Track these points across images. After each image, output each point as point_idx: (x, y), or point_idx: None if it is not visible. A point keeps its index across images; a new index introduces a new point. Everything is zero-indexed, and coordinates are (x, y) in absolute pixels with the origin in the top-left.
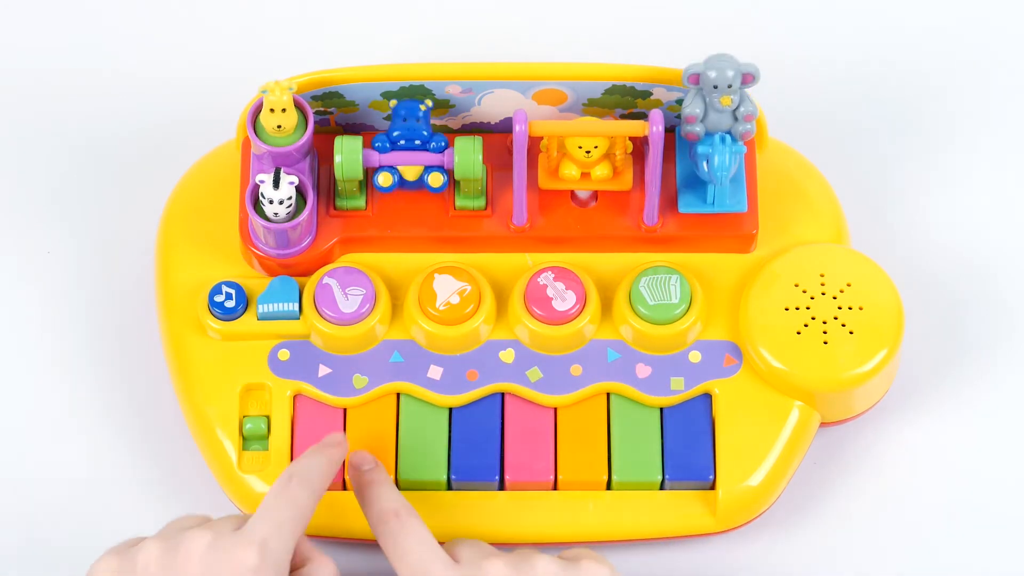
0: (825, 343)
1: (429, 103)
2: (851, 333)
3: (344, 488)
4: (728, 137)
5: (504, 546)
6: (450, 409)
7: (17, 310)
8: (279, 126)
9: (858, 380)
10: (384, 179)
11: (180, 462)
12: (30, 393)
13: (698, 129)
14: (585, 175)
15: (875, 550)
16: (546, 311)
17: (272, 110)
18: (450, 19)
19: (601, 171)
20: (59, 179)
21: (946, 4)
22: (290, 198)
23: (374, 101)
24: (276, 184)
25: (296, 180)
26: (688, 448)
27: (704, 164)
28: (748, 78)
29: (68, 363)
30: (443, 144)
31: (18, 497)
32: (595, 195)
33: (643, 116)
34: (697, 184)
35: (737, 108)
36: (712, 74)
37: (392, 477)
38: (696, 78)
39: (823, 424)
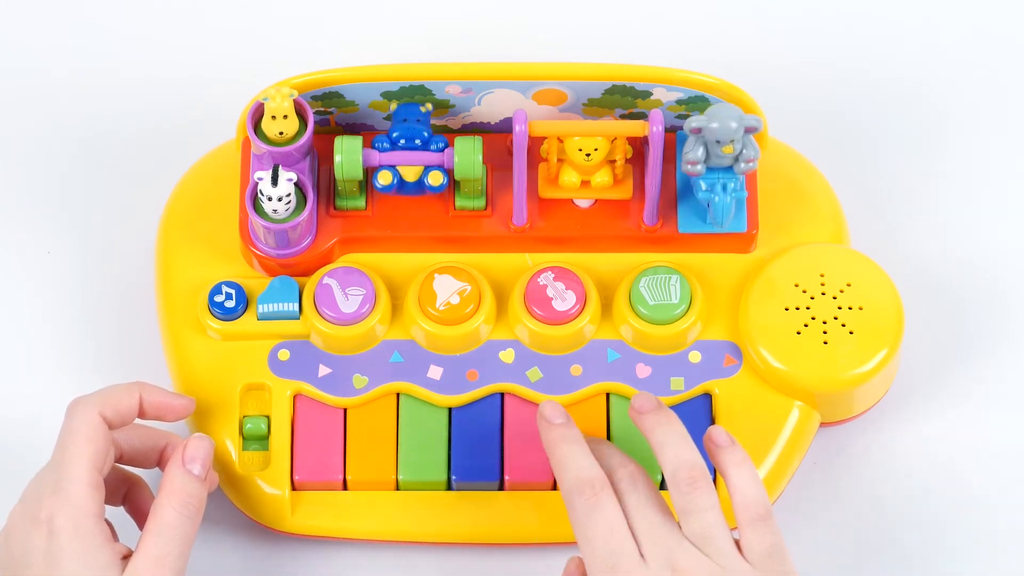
0: (825, 343)
1: (429, 106)
2: (851, 333)
3: (344, 488)
4: (730, 185)
5: (504, 546)
6: (450, 409)
7: (17, 310)
8: (281, 132)
9: (858, 380)
10: (384, 178)
11: None
12: (30, 393)
13: (699, 168)
14: (585, 183)
15: (875, 550)
16: (546, 311)
17: (274, 117)
18: (450, 19)
19: (601, 178)
20: (59, 179)
21: (946, 5)
22: (289, 195)
23: (374, 101)
24: (275, 181)
25: (295, 177)
26: None
27: (706, 205)
28: (750, 131)
29: (68, 363)
30: (443, 145)
31: (19, 497)
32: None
33: (643, 116)
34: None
35: (739, 153)
36: (715, 125)
37: (392, 477)
38: (699, 130)
39: (823, 424)
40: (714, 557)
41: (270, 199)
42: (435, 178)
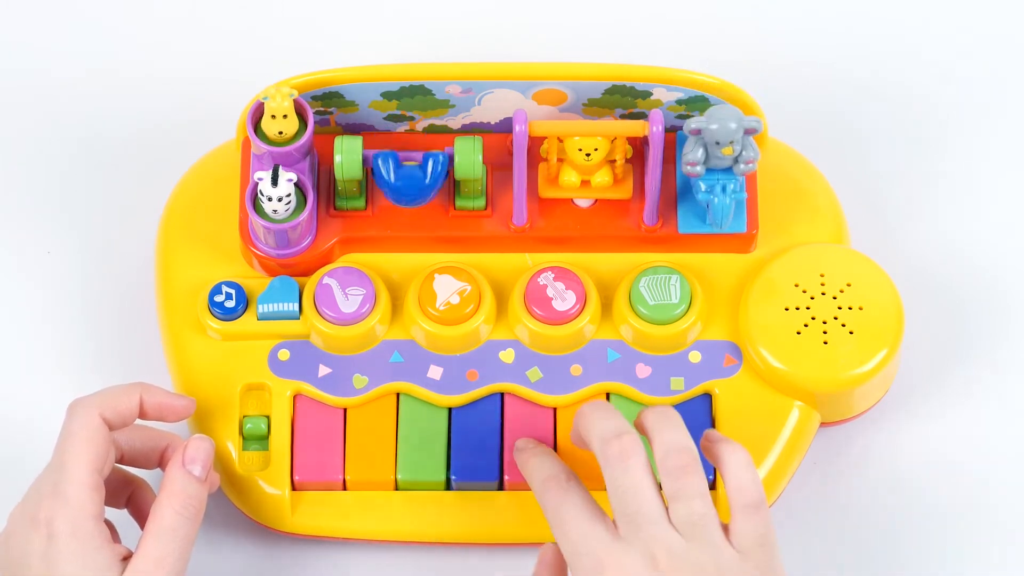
0: (825, 343)
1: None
2: (851, 333)
3: (344, 488)
4: (730, 186)
5: (504, 546)
6: (450, 409)
7: (17, 310)
8: (281, 132)
9: (858, 380)
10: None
11: None
12: (30, 394)
13: (699, 170)
14: (585, 183)
15: (875, 550)
16: (546, 311)
17: (273, 116)
18: (450, 19)
19: (601, 178)
20: (59, 179)
21: (947, 5)
22: (289, 195)
23: (374, 101)
24: (275, 182)
25: (295, 177)
26: None
27: (706, 206)
28: (750, 132)
29: (68, 363)
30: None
31: (19, 498)
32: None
33: (643, 116)
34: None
35: (739, 155)
36: (714, 127)
37: (391, 477)
38: (698, 131)
39: (823, 424)
40: (699, 544)
41: (270, 199)
42: None
